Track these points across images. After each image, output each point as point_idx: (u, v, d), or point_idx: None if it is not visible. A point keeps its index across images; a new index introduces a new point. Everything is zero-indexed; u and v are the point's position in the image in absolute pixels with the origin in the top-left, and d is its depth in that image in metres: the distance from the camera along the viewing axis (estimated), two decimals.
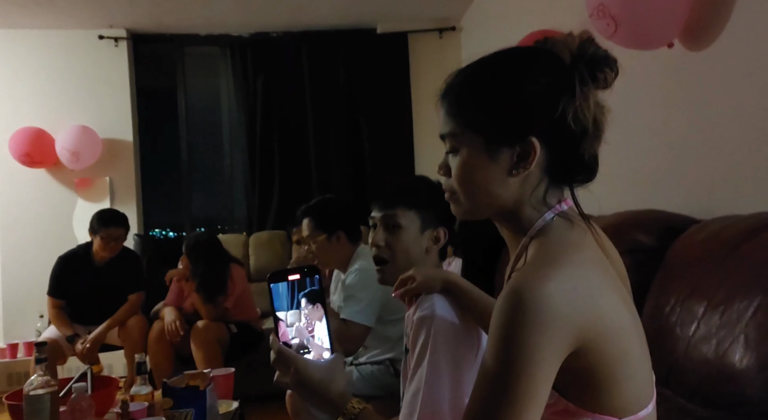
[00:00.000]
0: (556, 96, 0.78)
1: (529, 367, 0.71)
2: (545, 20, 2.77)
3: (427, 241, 1.39)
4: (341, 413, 0.90)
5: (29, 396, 1.48)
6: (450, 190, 0.87)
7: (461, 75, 0.86)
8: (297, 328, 0.95)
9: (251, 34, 4.65)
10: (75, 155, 4.12)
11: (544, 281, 0.72)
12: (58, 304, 3.33)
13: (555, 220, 0.82)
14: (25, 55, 4.33)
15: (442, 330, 1.16)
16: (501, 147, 0.81)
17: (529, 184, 0.82)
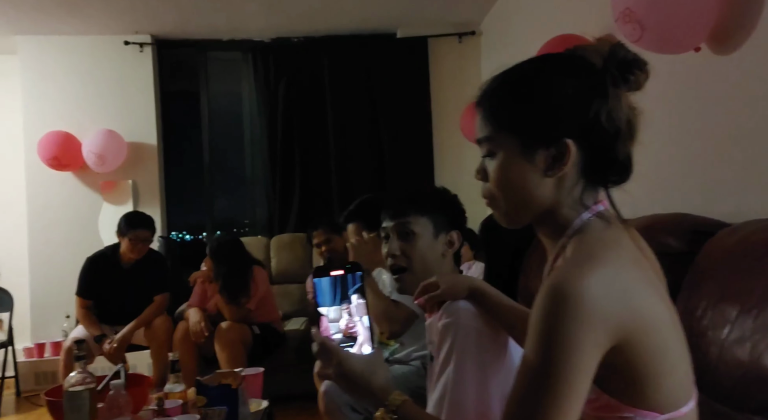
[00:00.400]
0: (589, 98, 0.81)
1: (570, 359, 0.73)
2: (567, 25, 2.79)
3: (441, 245, 1.40)
4: (382, 405, 0.92)
5: (69, 392, 1.52)
6: (489, 194, 0.90)
7: (496, 81, 0.89)
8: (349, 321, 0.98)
9: (272, 39, 4.71)
10: (101, 158, 4.20)
11: (583, 276, 0.74)
12: (86, 304, 3.40)
13: (592, 220, 0.84)
14: (53, 61, 4.42)
15: (468, 337, 1.16)
16: (536, 149, 0.83)
17: (566, 185, 0.84)
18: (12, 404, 3.91)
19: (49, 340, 4.23)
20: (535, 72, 0.87)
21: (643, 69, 0.82)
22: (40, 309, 4.30)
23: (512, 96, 0.86)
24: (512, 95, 0.86)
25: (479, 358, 1.15)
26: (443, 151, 4.72)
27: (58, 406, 1.68)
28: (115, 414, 1.50)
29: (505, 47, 4.16)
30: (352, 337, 1.00)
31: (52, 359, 4.17)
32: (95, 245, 4.09)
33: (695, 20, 1.64)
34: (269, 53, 4.67)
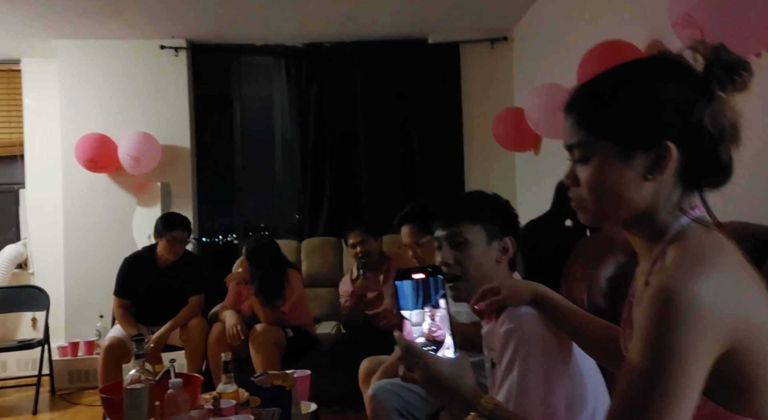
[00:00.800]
0: (692, 100, 0.81)
1: (682, 363, 0.72)
2: (611, 31, 2.77)
3: (495, 252, 1.38)
4: (473, 408, 0.92)
5: (129, 390, 1.54)
6: (578, 198, 0.90)
7: (590, 86, 0.89)
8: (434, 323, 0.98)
9: (305, 44, 4.74)
10: (136, 161, 4.25)
11: (694, 280, 0.74)
12: (124, 304, 3.44)
13: (692, 225, 0.84)
14: (91, 65, 4.50)
15: (531, 343, 1.15)
16: (636, 152, 0.83)
17: (664, 189, 0.84)
18: (47, 402, 3.96)
19: (83, 340, 4.29)
20: (633, 75, 0.87)
21: (748, 70, 0.82)
22: (74, 308, 4.36)
23: (608, 99, 0.86)
24: (608, 98, 0.86)
25: (543, 364, 1.14)
26: (474, 156, 4.71)
27: (114, 403, 1.70)
28: (173, 412, 1.52)
29: (539, 53, 4.14)
30: (435, 341, 0.99)
31: (85, 358, 4.24)
32: (129, 246, 4.15)
33: (757, 26, 1.63)
34: (301, 58, 4.71)
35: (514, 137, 4.04)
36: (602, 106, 0.86)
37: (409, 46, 4.72)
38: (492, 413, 0.91)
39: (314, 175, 4.67)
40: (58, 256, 4.43)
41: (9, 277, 4.59)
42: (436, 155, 4.67)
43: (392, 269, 3.72)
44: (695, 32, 1.67)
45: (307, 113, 4.69)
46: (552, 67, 3.79)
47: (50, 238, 4.55)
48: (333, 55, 4.73)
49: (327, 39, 4.73)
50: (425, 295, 1.00)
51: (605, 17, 2.99)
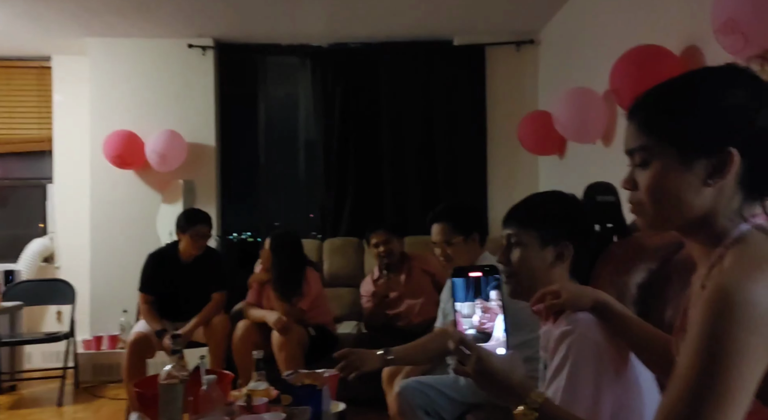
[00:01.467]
0: (757, 106, 0.81)
1: (738, 363, 0.72)
2: (643, 36, 2.74)
3: (549, 256, 1.35)
4: (523, 402, 0.92)
5: (164, 385, 1.56)
6: (636, 202, 0.91)
7: (656, 91, 0.90)
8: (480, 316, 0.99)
9: (330, 45, 4.76)
10: (163, 158, 4.30)
11: (751, 282, 0.74)
12: (149, 300, 3.47)
13: (752, 231, 0.83)
14: (120, 62, 4.56)
15: (585, 348, 1.14)
16: (698, 157, 0.83)
17: (724, 195, 0.84)
18: (71, 395, 4.01)
19: (107, 334, 4.34)
20: (698, 81, 0.88)
21: None
22: (99, 303, 4.42)
23: (673, 106, 0.87)
24: (673, 103, 0.87)
25: (594, 370, 1.13)
26: (497, 159, 4.70)
27: (147, 398, 1.72)
28: (208, 408, 1.53)
29: (566, 57, 4.12)
30: (485, 332, 1.01)
31: (109, 352, 4.29)
32: (154, 242, 4.20)
33: None
34: (327, 58, 4.73)
35: (539, 141, 4.02)
36: (666, 111, 0.87)
37: (435, 48, 4.72)
38: (541, 407, 0.91)
39: (337, 175, 4.69)
40: (84, 250, 4.49)
41: (36, 271, 4.66)
42: (460, 157, 4.66)
43: (414, 269, 3.73)
44: (738, 39, 1.65)
45: (331, 113, 4.70)
46: (580, 71, 3.77)
47: (76, 233, 4.62)
48: (358, 55, 4.74)
49: (352, 40, 4.74)
50: (477, 290, 1.02)
51: (638, 21, 2.96)
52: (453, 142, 4.67)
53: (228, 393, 1.86)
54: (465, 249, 2.36)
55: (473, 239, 2.37)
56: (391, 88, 4.69)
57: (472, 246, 2.37)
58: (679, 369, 0.77)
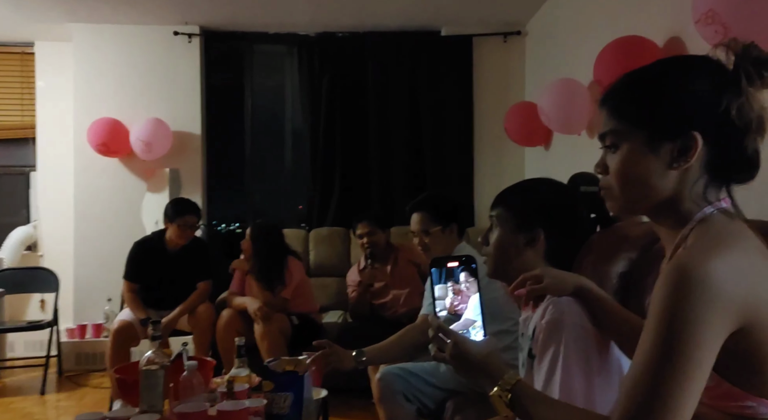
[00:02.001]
0: (720, 92, 0.84)
1: (694, 336, 0.74)
2: (628, 27, 2.76)
3: (521, 240, 1.38)
4: (497, 384, 0.94)
5: (145, 371, 1.56)
6: (606, 186, 0.93)
7: (625, 79, 0.93)
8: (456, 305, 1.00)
9: (318, 34, 4.73)
10: (148, 146, 4.27)
11: (709, 259, 0.77)
12: (133, 288, 3.46)
13: (715, 213, 0.86)
14: (105, 49, 4.51)
15: (574, 336, 1.15)
16: (663, 141, 0.86)
17: (689, 178, 0.87)
18: (54, 383, 4.00)
19: (91, 322, 4.32)
20: (665, 69, 0.91)
21: None
22: (82, 291, 4.40)
23: (641, 90, 0.90)
24: (641, 90, 0.90)
25: (586, 356, 1.14)
26: (483, 150, 4.71)
27: (128, 384, 1.72)
28: (188, 394, 1.53)
29: (552, 48, 4.13)
30: (457, 314, 1.03)
31: (93, 341, 4.28)
32: (138, 231, 4.17)
33: None
34: (314, 47, 4.70)
35: (525, 132, 4.03)
36: (633, 97, 0.90)
37: (422, 38, 4.71)
38: (514, 387, 0.93)
39: (324, 165, 4.68)
40: (67, 239, 4.46)
41: (19, 259, 4.62)
42: (447, 148, 4.67)
43: (400, 260, 3.74)
44: (718, 29, 1.66)
45: (318, 103, 4.69)
46: (566, 63, 3.78)
47: (60, 221, 4.58)
48: (346, 45, 4.72)
49: (340, 29, 4.72)
50: (450, 275, 1.04)
51: (622, 13, 2.98)
52: (440, 133, 4.67)
53: (210, 380, 1.86)
54: (442, 239, 2.38)
55: (451, 230, 2.39)
56: (379, 78, 4.68)
57: (450, 236, 2.39)
58: (641, 344, 0.80)
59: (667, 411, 0.74)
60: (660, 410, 0.75)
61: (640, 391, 0.77)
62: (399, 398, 2.18)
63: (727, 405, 0.81)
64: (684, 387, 0.75)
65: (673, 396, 0.74)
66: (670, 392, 0.75)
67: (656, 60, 0.93)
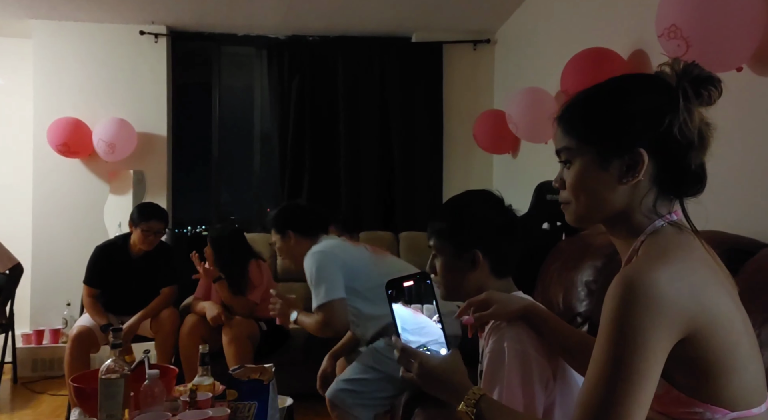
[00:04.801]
0: (662, 111, 0.87)
1: (641, 346, 0.78)
2: (595, 39, 2.81)
3: (465, 264, 1.38)
4: (462, 399, 0.96)
5: (104, 379, 1.51)
6: (564, 200, 0.97)
7: (578, 97, 0.97)
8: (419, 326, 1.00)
9: (288, 37, 4.70)
10: (111, 147, 4.17)
11: (654, 270, 0.80)
12: (94, 293, 3.37)
13: (665, 226, 0.90)
14: (67, 47, 4.39)
15: (516, 362, 1.18)
16: (612, 158, 0.90)
17: (639, 192, 0.90)
18: (9, 391, 3.86)
19: (49, 327, 4.19)
20: (611, 88, 0.95)
21: (716, 86, 0.89)
22: (40, 296, 4.26)
23: (590, 109, 0.94)
24: (590, 109, 0.94)
25: (528, 381, 1.16)
26: (453, 157, 4.74)
27: (86, 393, 1.67)
28: (149, 403, 1.49)
29: (520, 57, 4.19)
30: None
31: (50, 346, 4.15)
32: (100, 234, 4.07)
33: (741, 40, 1.67)
34: (284, 50, 4.66)
35: (493, 139, 4.07)
36: (583, 115, 0.95)
37: (393, 44, 4.72)
38: (479, 402, 0.95)
39: (292, 169, 4.63)
40: (25, 241, 4.31)
41: None
42: (416, 153, 4.68)
43: None
44: (681, 44, 1.70)
45: (287, 106, 4.65)
46: (533, 72, 3.84)
47: (17, 222, 4.42)
48: (316, 48, 4.70)
49: (310, 32, 4.69)
50: (415, 300, 1.04)
51: (589, 25, 3.03)
52: (409, 139, 4.68)
53: (172, 388, 1.82)
54: (287, 247, 2.56)
55: (289, 237, 2.53)
56: (349, 83, 4.66)
57: (292, 244, 2.54)
58: (593, 355, 0.83)
59: (618, 418, 0.78)
60: (613, 417, 0.78)
61: (592, 401, 0.80)
62: (356, 411, 2.22)
63: (676, 411, 0.85)
64: (633, 395, 0.78)
65: (623, 404, 0.78)
66: (620, 400, 0.78)
67: (608, 78, 0.97)
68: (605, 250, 2.27)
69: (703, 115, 0.89)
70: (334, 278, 2.34)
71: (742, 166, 1.93)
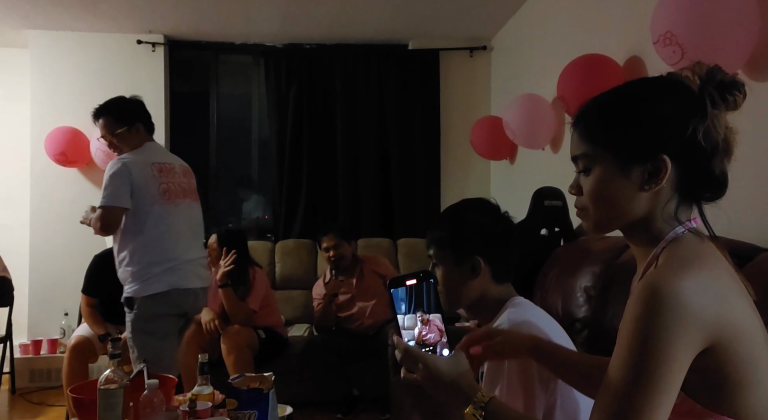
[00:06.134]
0: (687, 116, 0.86)
1: (664, 354, 0.77)
2: (590, 45, 2.83)
3: (466, 271, 1.39)
4: (471, 402, 0.94)
5: (103, 390, 1.50)
6: (581, 206, 0.95)
7: (596, 102, 0.94)
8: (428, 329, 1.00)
9: (285, 45, 4.72)
10: (109, 156, 4.15)
11: (679, 279, 0.79)
12: (92, 303, 3.36)
13: (686, 234, 0.89)
14: (64, 57, 4.40)
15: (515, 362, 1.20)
16: (633, 164, 0.88)
17: (660, 199, 0.89)
18: (6, 401, 3.84)
19: (46, 338, 4.17)
20: (633, 92, 0.92)
21: (741, 90, 0.88)
22: (38, 305, 4.25)
23: (610, 115, 0.92)
24: (610, 114, 0.92)
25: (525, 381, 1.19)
26: (450, 164, 4.75)
27: (84, 403, 1.66)
28: (148, 414, 1.49)
29: (517, 63, 4.20)
30: (425, 344, 1.02)
31: (48, 356, 4.13)
32: (98, 243, 4.04)
33: (736, 46, 1.68)
34: (281, 59, 4.67)
35: (491, 146, 4.09)
36: (604, 121, 0.92)
37: (390, 52, 4.74)
38: (487, 405, 0.93)
39: (290, 176, 4.63)
40: (23, 250, 4.30)
41: None
42: (414, 160, 4.68)
43: (365, 272, 3.73)
44: (676, 50, 1.72)
45: (285, 114, 4.65)
46: (530, 78, 3.85)
47: (15, 232, 4.42)
48: (313, 56, 4.71)
49: (307, 40, 4.71)
50: (417, 301, 1.03)
51: (585, 32, 3.05)
52: (407, 146, 4.69)
53: (171, 398, 1.81)
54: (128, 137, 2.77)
55: (137, 129, 2.79)
56: (346, 91, 4.67)
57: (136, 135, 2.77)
58: (614, 361, 0.81)
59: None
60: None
61: (611, 405, 0.79)
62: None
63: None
64: (654, 402, 0.77)
65: (644, 411, 0.77)
66: (640, 407, 0.77)
67: (625, 82, 0.95)
68: (604, 256, 2.28)
69: (728, 123, 0.88)
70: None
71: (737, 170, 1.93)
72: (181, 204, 2.69)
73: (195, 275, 2.65)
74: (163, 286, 2.53)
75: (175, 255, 2.57)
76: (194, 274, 2.65)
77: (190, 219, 2.75)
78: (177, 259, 2.57)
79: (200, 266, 2.73)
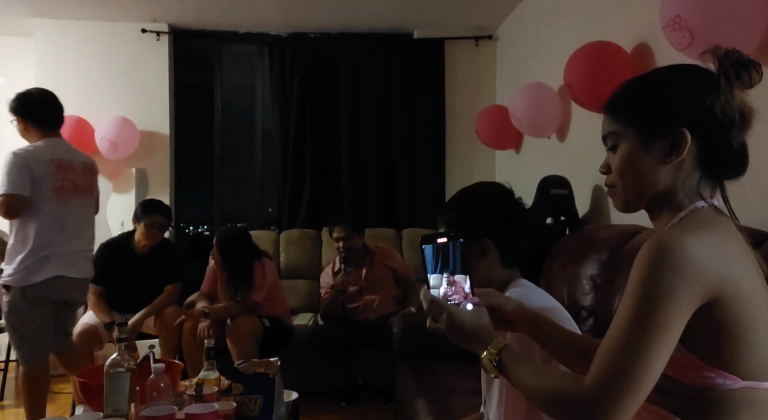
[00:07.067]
0: (704, 91, 0.90)
1: (665, 303, 0.81)
2: (597, 33, 2.80)
3: (474, 253, 1.38)
4: (487, 348, 0.99)
5: (111, 373, 1.51)
6: (610, 184, 1.01)
7: (624, 85, 1.01)
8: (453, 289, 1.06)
9: (289, 34, 4.70)
10: (114, 145, 4.17)
11: (685, 236, 0.84)
12: (98, 291, 3.37)
13: (705, 208, 0.92)
14: (69, 45, 4.39)
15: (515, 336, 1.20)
16: (655, 138, 0.94)
17: (682, 172, 0.93)
18: (13, 388, 3.87)
19: None
20: (656, 74, 1.00)
21: (757, 69, 0.91)
22: None
23: (634, 94, 0.99)
24: (634, 94, 0.99)
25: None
26: (455, 153, 4.74)
27: (91, 388, 1.67)
28: (155, 397, 1.49)
29: (522, 52, 4.18)
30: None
31: None
32: (103, 232, 4.05)
33: (747, 31, 1.67)
34: (285, 48, 4.66)
35: (496, 135, 4.07)
36: (628, 100, 0.99)
37: (394, 41, 4.71)
38: (502, 351, 0.98)
39: (294, 166, 4.63)
40: None
41: None
42: (418, 150, 4.67)
43: (376, 264, 3.73)
44: (685, 35, 1.70)
45: (289, 103, 4.64)
46: (536, 67, 3.83)
47: None
48: (317, 45, 4.69)
49: (312, 29, 4.69)
50: (444, 262, 1.07)
51: (591, 19, 3.02)
52: (412, 135, 4.67)
53: (177, 383, 1.82)
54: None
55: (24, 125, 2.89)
56: (350, 80, 4.65)
57: None
58: (618, 311, 0.86)
59: (636, 372, 0.81)
60: (630, 370, 0.82)
61: (613, 353, 0.84)
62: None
63: (688, 375, 0.87)
64: (654, 348, 0.81)
65: (643, 358, 0.81)
66: (640, 355, 0.81)
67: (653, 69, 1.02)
68: (610, 244, 2.27)
69: (745, 99, 0.91)
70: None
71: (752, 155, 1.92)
72: (73, 201, 2.84)
73: (75, 266, 2.81)
74: (42, 275, 2.69)
75: (57, 247, 2.73)
76: (74, 265, 2.81)
77: (79, 214, 2.90)
78: (58, 250, 2.73)
79: (82, 259, 2.88)
